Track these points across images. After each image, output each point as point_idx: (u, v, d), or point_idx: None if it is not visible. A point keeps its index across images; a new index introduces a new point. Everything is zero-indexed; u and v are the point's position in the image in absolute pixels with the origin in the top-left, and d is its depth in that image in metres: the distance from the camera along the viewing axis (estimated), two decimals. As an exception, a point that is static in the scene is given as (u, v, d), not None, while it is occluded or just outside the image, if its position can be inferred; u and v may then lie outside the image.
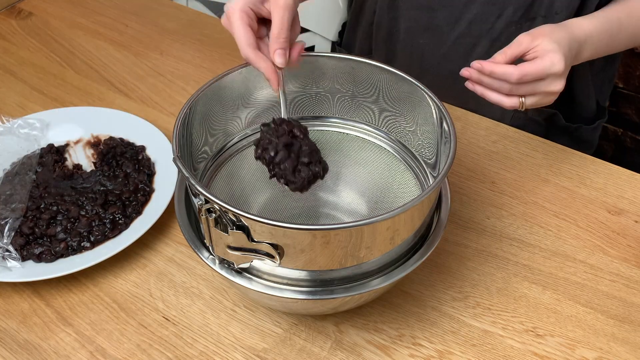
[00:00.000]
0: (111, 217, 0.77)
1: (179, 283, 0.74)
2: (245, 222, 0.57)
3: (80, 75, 1.02)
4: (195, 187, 0.58)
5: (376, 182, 0.77)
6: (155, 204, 0.79)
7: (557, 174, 0.86)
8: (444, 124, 0.66)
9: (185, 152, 0.66)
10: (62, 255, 0.74)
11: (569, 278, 0.74)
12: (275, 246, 0.58)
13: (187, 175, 0.59)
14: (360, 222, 0.57)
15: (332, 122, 0.78)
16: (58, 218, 0.76)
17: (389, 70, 0.71)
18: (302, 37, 1.47)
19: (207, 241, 0.61)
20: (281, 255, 0.58)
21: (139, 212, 0.78)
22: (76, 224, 0.76)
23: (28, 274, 0.71)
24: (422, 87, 0.69)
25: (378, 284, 0.62)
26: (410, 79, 0.69)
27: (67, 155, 0.86)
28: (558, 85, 0.72)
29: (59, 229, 0.75)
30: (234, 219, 0.57)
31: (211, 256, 0.63)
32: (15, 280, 0.71)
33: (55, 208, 0.77)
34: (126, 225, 0.77)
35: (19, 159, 0.84)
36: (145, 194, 0.80)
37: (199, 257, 0.63)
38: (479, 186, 0.84)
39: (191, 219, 0.66)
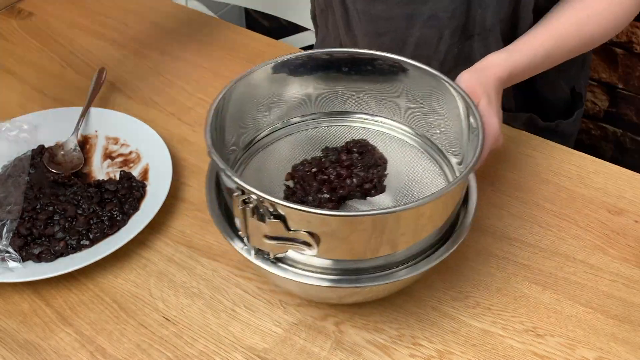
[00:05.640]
0: (109, 214, 0.77)
1: (179, 283, 0.74)
2: (282, 211, 0.58)
3: (80, 75, 1.02)
4: (232, 179, 0.59)
5: (401, 177, 0.77)
6: (151, 200, 0.79)
7: (557, 174, 0.86)
8: (471, 118, 0.67)
9: (215, 146, 0.67)
10: (61, 254, 0.74)
11: (569, 278, 0.74)
12: (312, 234, 0.59)
13: (222, 167, 0.60)
14: (398, 208, 0.59)
15: (357, 117, 0.79)
16: (55, 218, 0.76)
17: (414, 65, 0.72)
18: (301, 36, 1.47)
19: (242, 232, 0.62)
20: (318, 243, 0.59)
21: (135, 209, 0.78)
22: (74, 222, 0.76)
23: (29, 273, 0.71)
24: (448, 81, 0.70)
25: (405, 275, 0.63)
26: (435, 72, 0.70)
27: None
28: (500, 142, 0.71)
29: (57, 228, 0.75)
30: (270, 208, 0.58)
31: (245, 247, 0.64)
32: (17, 281, 0.71)
33: (51, 208, 0.77)
34: (124, 222, 0.77)
35: (10, 161, 0.84)
36: (140, 190, 0.80)
37: (234, 248, 0.64)
38: (478, 186, 0.84)
39: (222, 211, 0.67)
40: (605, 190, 0.84)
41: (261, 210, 0.58)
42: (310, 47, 1.43)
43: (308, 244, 0.59)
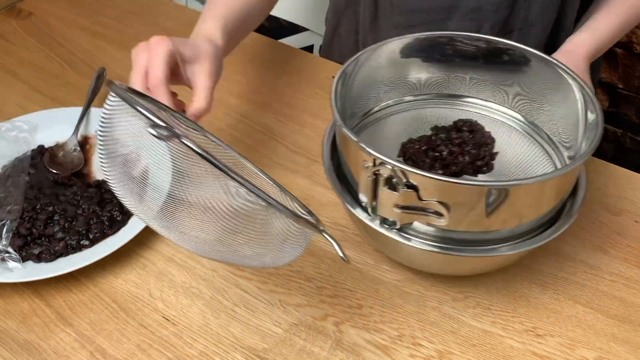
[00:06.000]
0: (109, 214, 0.77)
1: (179, 283, 0.74)
2: (415, 181, 0.59)
3: (80, 75, 1.02)
4: (367, 150, 0.61)
5: (506, 159, 0.78)
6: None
7: (557, 174, 0.86)
8: (589, 112, 0.68)
9: (342, 117, 0.69)
10: (61, 255, 0.74)
11: (569, 278, 0.74)
12: (443, 204, 0.60)
13: (355, 139, 0.63)
14: (539, 177, 0.62)
15: (466, 101, 0.81)
16: (55, 218, 0.76)
17: (538, 55, 0.73)
18: (301, 36, 1.47)
19: (367, 202, 0.65)
20: (449, 213, 0.61)
21: None
22: (74, 223, 0.76)
23: (29, 274, 0.71)
24: (572, 74, 0.71)
25: (524, 247, 0.65)
26: (558, 63, 0.72)
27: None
28: None
29: (56, 228, 0.75)
30: (403, 179, 0.60)
31: (369, 216, 0.66)
32: (17, 281, 0.71)
33: (51, 208, 0.77)
34: (124, 222, 0.77)
35: (10, 161, 0.84)
36: None
37: (356, 216, 0.66)
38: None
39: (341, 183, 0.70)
40: (605, 190, 0.84)
41: (394, 180, 0.60)
42: (311, 47, 1.43)
43: (439, 214, 0.61)
